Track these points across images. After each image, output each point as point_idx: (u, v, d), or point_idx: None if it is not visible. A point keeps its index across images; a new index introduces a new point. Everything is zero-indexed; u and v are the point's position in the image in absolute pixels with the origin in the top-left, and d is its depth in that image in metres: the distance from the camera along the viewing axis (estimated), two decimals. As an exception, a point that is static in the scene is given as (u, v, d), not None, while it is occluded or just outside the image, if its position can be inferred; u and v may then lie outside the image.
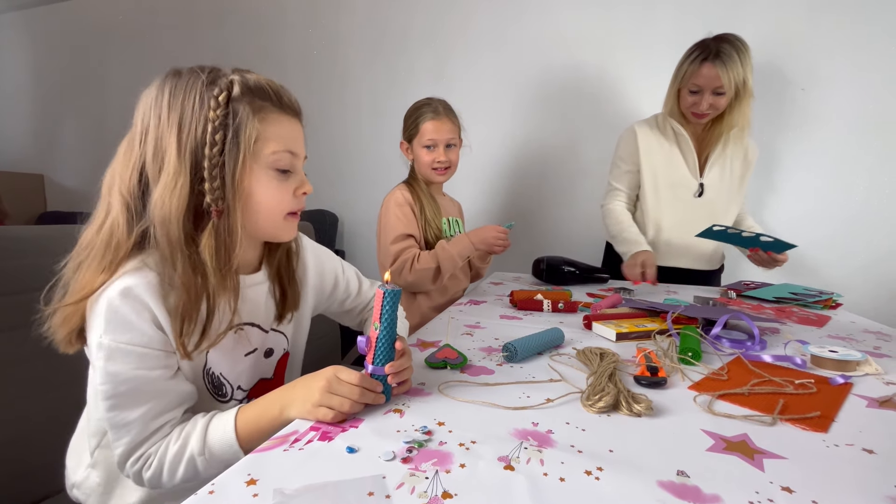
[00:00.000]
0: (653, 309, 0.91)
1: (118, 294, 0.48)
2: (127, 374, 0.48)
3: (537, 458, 0.41)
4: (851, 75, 1.48)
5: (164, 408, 0.51)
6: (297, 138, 0.57)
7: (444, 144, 1.19)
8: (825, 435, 0.48)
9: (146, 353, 0.49)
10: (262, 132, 0.52)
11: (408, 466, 0.40)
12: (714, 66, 1.15)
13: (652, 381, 0.59)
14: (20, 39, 2.86)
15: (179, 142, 0.49)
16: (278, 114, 0.54)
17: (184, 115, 0.50)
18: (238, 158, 0.50)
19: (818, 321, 0.98)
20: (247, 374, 0.61)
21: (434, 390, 0.56)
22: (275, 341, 0.65)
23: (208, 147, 0.49)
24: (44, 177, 2.87)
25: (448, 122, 1.19)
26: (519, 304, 1.01)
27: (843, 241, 1.54)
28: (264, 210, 0.55)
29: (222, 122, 0.50)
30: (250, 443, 0.49)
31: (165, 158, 0.50)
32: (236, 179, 0.51)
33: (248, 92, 0.52)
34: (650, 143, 1.33)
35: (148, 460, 0.50)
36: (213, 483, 0.37)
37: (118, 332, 0.48)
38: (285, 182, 0.55)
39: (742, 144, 1.29)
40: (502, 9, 1.85)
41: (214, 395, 0.59)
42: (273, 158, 0.53)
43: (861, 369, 0.66)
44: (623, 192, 1.40)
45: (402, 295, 0.79)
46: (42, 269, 0.80)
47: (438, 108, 1.18)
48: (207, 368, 0.57)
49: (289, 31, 2.21)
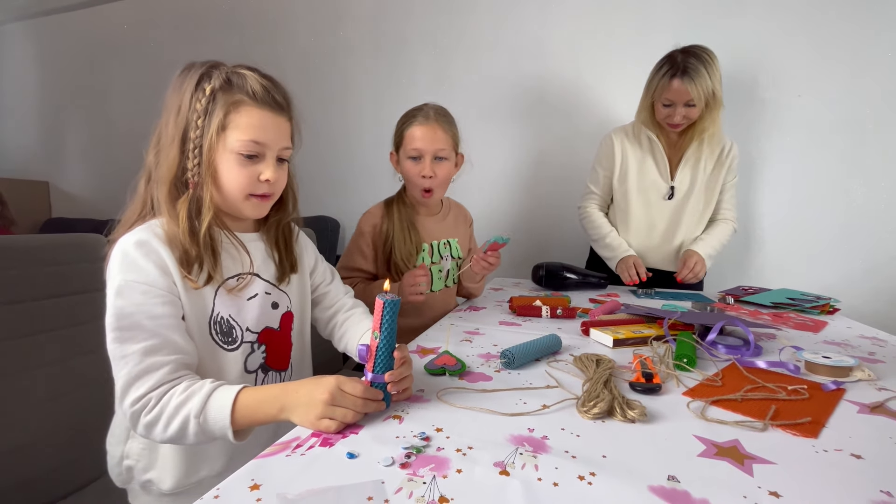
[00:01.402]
0: (650, 315, 0.92)
1: (132, 243, 0.57)
2: (130, 309, 0.55)
3: (532, 464, 0.43)
4: (848, 79, 1.49)
5: (161, 348, 0.55)
6: (268, 129, 0.62)
7: (432, 156, 1.02)
8: (815, 440, 0.49)
9: (149, 290, 0.56)
10: (231, 121, 0.60)
11: (406, 472, 0.41)
12: (683, 83, 1.20)
13: (647, 387, 0.60)
14: (27, 49, 2.89)
15: (176, 122, 0.61)
16: (251, 106, 0.61)
17: (182, 101, 0.61)
18: (209, 141, 0.60)
19: (815, 326, 0.99)
20: (253, 316, 0.66)
21: (433, 397, 0.57)
22: (279, 297, 0.71)
23: (192, 129, 0.60)
24: (49, 184, 2.90)
25: (439, 131, 1.02)
26: (518, 310, 1.02)
27: (841, 246, 1.55)
28: (226, 188, 0.62)
29: (205, 110, 0.59)
30: (242, 426, 0.53)
31: (165, 133, 0.61)
32: (208, 158, 0.60)
33: (229, 85, 0.60)
34: (625, 149, 1.39)
35: (149, 404, 0.53)
36: (219, 488, 0.38)
37: (127, 272, 0.56)
38: (249, 167, 0.62)
39: (715, 145, 1.32)
40: (503, 15, 1.88)
41: (223, 343, 0.63)
42: (237, 145, 0.60)
43: (854, 375, 0.67)
44: (597, 196, 1.48)
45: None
46: (48, 278, 0.82)
47: (429, 114, 1.03)
48: (216, 314, 0.62)
49: (292, 40, 2.23)
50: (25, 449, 0.78)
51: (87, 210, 2.77)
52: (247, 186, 0.62)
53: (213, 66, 0.62)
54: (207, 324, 0.62)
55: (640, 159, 1.38)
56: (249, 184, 0.62)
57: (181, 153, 0.60)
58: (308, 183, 1.17)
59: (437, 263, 1.12)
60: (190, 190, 0.61)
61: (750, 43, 1.57)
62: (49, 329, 0.82)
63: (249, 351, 0.66)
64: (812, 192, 1.57)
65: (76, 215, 2.77)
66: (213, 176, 0.61)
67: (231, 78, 0.61)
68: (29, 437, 0.78)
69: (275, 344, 0.69)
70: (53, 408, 0.81)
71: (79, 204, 2.83)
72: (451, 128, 1.06)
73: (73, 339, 0.84)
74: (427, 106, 1.06)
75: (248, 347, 0.66)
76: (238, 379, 0.64)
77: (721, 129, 1.30)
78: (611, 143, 1.41)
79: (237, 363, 0.64)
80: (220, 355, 0.63)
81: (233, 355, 0.64)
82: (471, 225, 1.27)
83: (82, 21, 2.70)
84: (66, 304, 0.84)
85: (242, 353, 0.65)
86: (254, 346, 0.66)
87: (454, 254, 1.16)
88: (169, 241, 0.59)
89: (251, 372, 0.66)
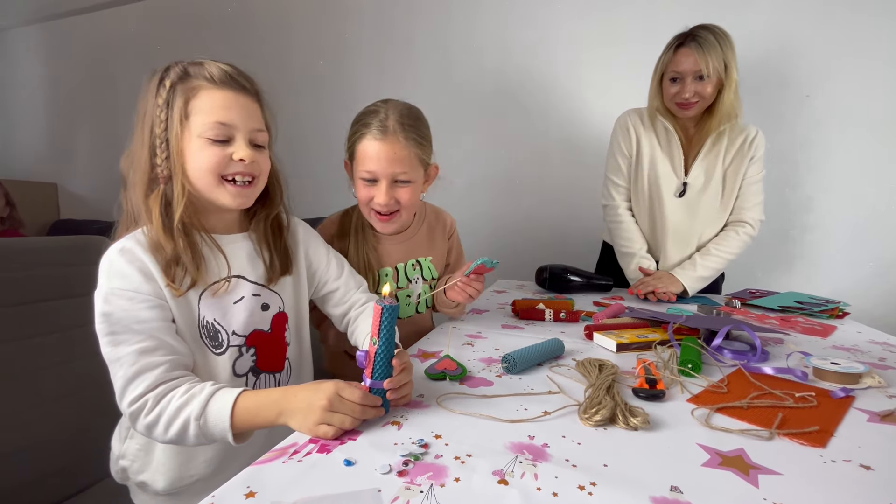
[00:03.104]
0: (655, 319, 0.91)
1: (116, 251, 0.58)
2: (118, 315, 0.55)
3: (531, 473, 0.42)
4: (859, 80, 1.47)
5: (155, 349, 0.55)
6: (233, 109, 0.61)
7: (390, 179, 0.82)
8: (823, 450, 0.47)
9: (135, 296, 0.57)
10: (193, 107, 0.60)
11: (403, 480, 0.40)
12: (691, 51, 1.11)
13: (650, 393, 0.59)
14: (35, 52, 2.93)
15: (142, 123, 0.62)
16: (211, 89, 0.61)
17: (147, 102, 0.62)
18: (174, 131, 0.60)
19: (823, 331, 0.97)
20: (239, 320, 0.66)
21: (432, 402, 0.57)
22: (269, 298, 0.70)
23: (157, 125, 0.60)
24: (57, 185, 2.93)
25: (398, 147, 0.80)
26: (521, 313, 1.01)
27: (852, 248, 1.53)
28: (196, 174, 0.61)
29: (165, 102, 0.60)
30: (241, 429, 0.53)
31: (134, 138, 0.62)
32: (174, 150, 0.60)
33: (186, 74, 0.61)
34: (639, 133, 1.29)
35: (147, 405, 0.53)
36: (213, 496, 0.38)
37: (112, 280, 0.57)
38: (218, 149, 0.61)
39: (737, 134, 1.21)
40: (506, 14, 1.87)
41: (211, 347, 0.63)
42: (203, 129, 0.60)
43: (864, 382, 0.66)
44: (623, 188, 1.35)
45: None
46: (55, 280, 0.83)
47: (387, 124, 0.80)
48: (202, 318, 0.63)
49: (295, 40, 2.24)
50: (33, 449, 0.78)
51: (95, 212, 2.80)
52: (216, 166, 0.60)
53: (172, 64, 0.62)
54: (196, 328, 0.62)
55: (654, 149, 1.27)
56: (220, 163, 0.61)
57: (149, 151, 0.61)
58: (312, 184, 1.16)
59: (405, 288, 0.96)
60: (161, 185, 0.61)
61: (761, 39, 1.54)
62: (56, 330, 0.82)
63: (237, 355, 0.65)
64: (821, 193, 1.55)
65: (84, 217, 2.80)
66: (182, 166, 0.60)
67: (188, 69, 0.61)
68: (36, 436, 0.79)
69: (265, 346, 0.69)
70: (60, 408, 0.82)
71: (86, 205, 2.86)
72: (417, 139, 0.83)
73: (79, 339, 0.84)
74: (387, 108, 0.83)
75: (235, 351, 0.65)
76: (228, 382, 0.64)
77: (740, 110, 1.19)
78: (626, 126, 1.30)
79: (225, 367, 0.64)
80: (210, 358, 0.64)
81: (221, 359, 0.64)
82: (452, 233, 1.07)
83: (90, 25, 2.73)
84: (72, 306, 0.85)
85: (230, 357, 0.65)
86: (241, 349, 0.66)
87: (426, 275, 0.99)
88: (152, 247, 0.59)
89: (241, 375, 0.66)
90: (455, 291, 0.88)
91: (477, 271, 0.85)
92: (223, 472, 0.67)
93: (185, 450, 0.64)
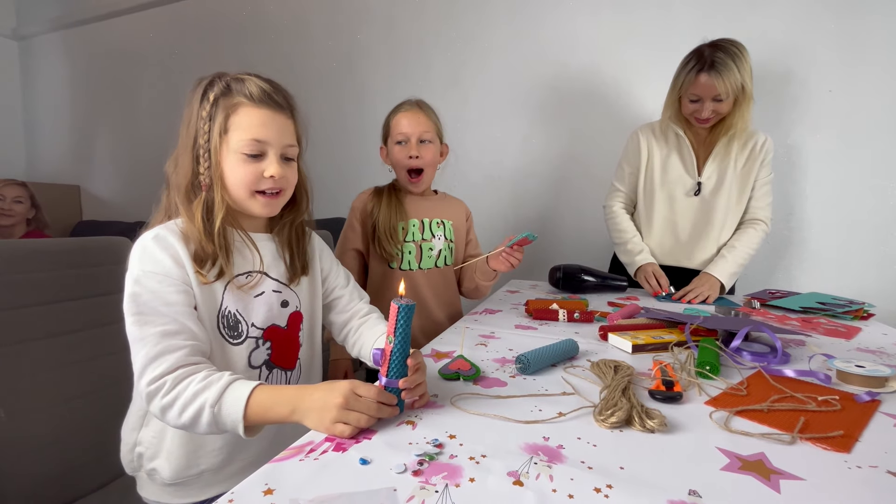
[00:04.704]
0: (671, 320, 0.90)
1: (150, 238, 0.62)
2: (147, 295, 0.58)
3: (547, 474, 0.42)
4: (882, 74, 1.43)
5: (178, 332, 0.57)
6: (269, 127, 0.65)
7: (417, 138, 1.09)
8: (847, 455, 0.46)
9: (165, 279, 0.60)
10: (232, 123, 0.64)
11: (418, 479, 0.41)
12: (710, 77, 1.15)
13: (667, 395, 0.58)
14: (58, 58, 3.01)
15: (187, 131, 0.66)
16: (250, 107, 0.64)
17: (192, 111, 0.65)
18: (214, 144, 0.64)
19: (847, 333, 0.95)
20: (259, 313, 0.69)
21: (446, 402, 0.57)
22: (289, 295, 0.73)
23: (200, 136, 0.64)
24: (80, 188, 3.01)
25: (422, 116, 1.10)
26: (534, 313, 1.01)
27: (876, 248, 1.48)
28: (233, 186, 0.66)
29: (209, 115, 0.64)
30: (253, 422, 0.54)
31: (180, 144, 0.66)
32: (215, 161, 0.64)
33: (229, 90, 0.65)
34: (651, 146, 1.36)
35: (165, 386, 0.54)
36: (233, 492, 0.38)
37: (145, 263, 0.60)
38: (252, 165, 0.65)
39: (747, 139, 1.26)
40: (518, 16, 1.86)
41: (229, 337, 0.66)
42: (240, 145, 0.64)
43: (890, 385, 0.64)
44: (623, 193, 1.44)
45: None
46: (77, 280, 0.85)
47: (412, 103, 1.12)
48: (223, 308, 0.65)
49: (310, 44, 2.27)
50: (54, 445, 0.81)
51: (116, 213, 2.87)
52: (251, 183, 0.65)
53: (216, 77, 0.66)
54: (216, 317, 0.64)
55: (666, 155, 1.34)
56: (254, 180, 0.65)
57: (193, 159, 0.65)
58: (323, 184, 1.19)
59: (428, 241, 1.13)
60: (203, 192, 0.65)
61: (780, 36, 1.51)
62: (78, 329, 0.85)
63: (254, 346, 0.68)
64: (844, 192, 1.50)
65: (106, 218, 2.87)
66: (221, 177, 0.65)
67: (231, 84, 0.65)
68: (62, 432, 0.81)
69: (280, 342, 0.71)
70: (84, 404, 0.84)
71: (108, 207, 2.94)
72: (433, 116, 1.13)
73: (101, 338, 0.87)
74: (410, 99, 1.14)
75: (252, 343, 0.68)
76: (242, 373, 0.65)
77: (751, 123, 1.25)
78: (637, 140, 1.38)
79: (241, 357, 0.66)
80: (227, 348, 0.65)
81: (237, 349, 0.66)
82: (469, 219, 1.26)
83: (110, 31, 2.80)
84: (97, 304, 0.87)
85: (247, 348, 0.67)
86: (258, 341, 0.68)
87: (448, 235, 1.17)
88: (184, 237, 0.63)
89: (255, 367, 0.68)
90: (498, 261, 1.02)
91: (520, 243, 0.99)
92: (230, 465, 0.68)
93: (196, 439, 0.65)
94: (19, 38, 3.09)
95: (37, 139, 3.17)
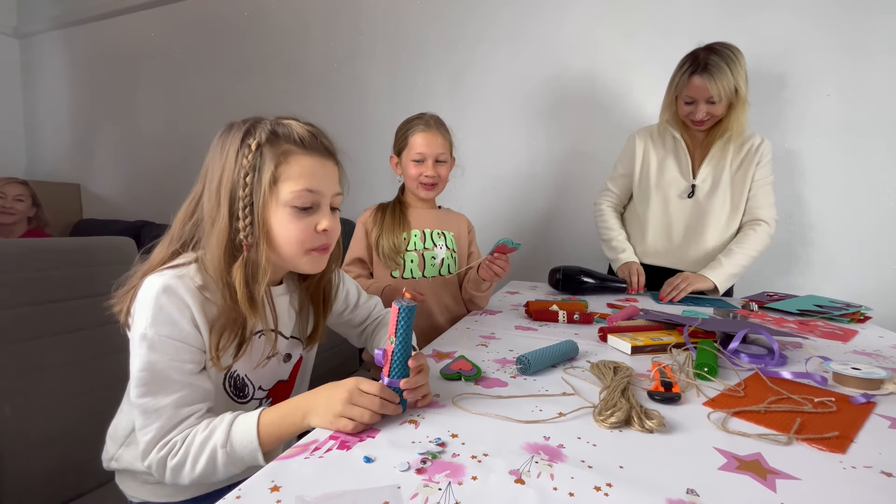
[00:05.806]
0: (670, 322, 0.91)
1: (163, 290, 0.54)
2: (163, 364, 0.53)
3: (548, 473, 0.42)
4: (881, 78, 1.44)
5: (193, 399, 0.55)
6: (320, 176, 0.60)
7: (434, 159, 1.12)
8: (843, 456, 0.47)
9: (182, 346, 0.54)
10: (282, 173, 0.57)
11: (422, 477, 0.41)
12: (703, 79, 1.17)
13: (666, 396, 0.59)
14: (59, 56, 3.01)
15: (220, 184, 0.57)
16: (301, 155, 0.58)
17: (226, 162, 0.57)
18: (261, 198, 0.57)
19: (844, 336, 0.96)
20: (267, 375, 0.67)
21: (448, 402, 0.57)
22: (292, 347, 0.70)
23: (240, 188, 0.56)
24: (80, 186, 3.01)
25: (439, 137, 1.13)
26: (534, 314, 1.01)
27: (873, 251, 1.49)
28: (283, 245, 0.59)
29: (252, 166, 0.56)
30: (269, 445, 0.53)
31: (212, 198, 0.58)
32: (260, 217, 0.57)
33: (275, 137, 0.57)
34: (647, 149, 1.38)
35: (174, 448, 0.53)
36: (240, 489, 0.39)
37: (161, 326, 0.53)
38: (305, 219, 0.59)
39: (743, 142, 1.27)
40: (519, 19, 1.87)
41: (234, 396, 0.63)
42: (291, 197, 0.57)
43: (885, 388, 0.65)
44: (613, 194, 1.48)
45: None
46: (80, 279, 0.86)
47: (430, 122, 1.13)
48: (232, 371, 0.62)
49: (310, 45, 2.27)
50: (57, 442, 0.81)
51: (117, 211, 2.87)
52: (305, 240, 0.59)
53: (255, 122, 0.59)
54: (223, 377, 0.62)
55: (662, 157, 1.36)
56: (308, 237, 0.59)
57: (230, 215, 0.56)
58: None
59: (430, 250, 1.15)
60: (245, 252, 0.57)
61: (778, 39, 1.52)
62: (81, 328, 0.85)
63: (258, 405, 0.66)
64: (842, 196, 1.51)
65: (106, 216, 2.87)
66: (266, 234, 0.58)
67: (276, 129, 0.58)
68: (60, 430, 0.82)
69: (282, 393, 0.70)
70: (84, 403, 0.85)
71: (108, 205, 2.94)
72: (448, 135, 1.17)
73: (103, 337, 0.87)
74: (426, 115, 1.16)
75: (257, 402, 0.66)
76: None
77: (747, 126, 1.26)
78: (633, 144, 1.40)
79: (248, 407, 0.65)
80: (231, 405, 0.63)
81: (243, 406, 0.64)
82: (470, 231, 1.25)
83: (111, 30, 2.80)
84: (97, 305, 0.87)
85: (251, 406, 0.65)
86: (262, 401, 0.67)
87: (450, 245, 1.18)
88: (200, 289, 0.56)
89: None
90: (483, 269, 1.04)
91: (499, 251, 0.99)
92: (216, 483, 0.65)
93: None
94: (20, 37, 3.10)
95: (37, 137, 3.17)
